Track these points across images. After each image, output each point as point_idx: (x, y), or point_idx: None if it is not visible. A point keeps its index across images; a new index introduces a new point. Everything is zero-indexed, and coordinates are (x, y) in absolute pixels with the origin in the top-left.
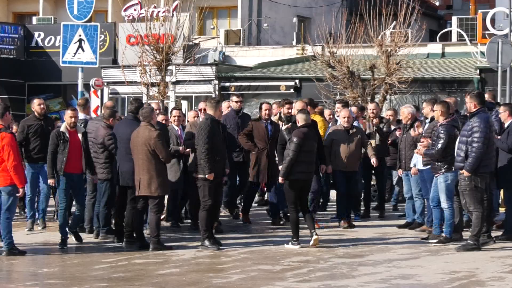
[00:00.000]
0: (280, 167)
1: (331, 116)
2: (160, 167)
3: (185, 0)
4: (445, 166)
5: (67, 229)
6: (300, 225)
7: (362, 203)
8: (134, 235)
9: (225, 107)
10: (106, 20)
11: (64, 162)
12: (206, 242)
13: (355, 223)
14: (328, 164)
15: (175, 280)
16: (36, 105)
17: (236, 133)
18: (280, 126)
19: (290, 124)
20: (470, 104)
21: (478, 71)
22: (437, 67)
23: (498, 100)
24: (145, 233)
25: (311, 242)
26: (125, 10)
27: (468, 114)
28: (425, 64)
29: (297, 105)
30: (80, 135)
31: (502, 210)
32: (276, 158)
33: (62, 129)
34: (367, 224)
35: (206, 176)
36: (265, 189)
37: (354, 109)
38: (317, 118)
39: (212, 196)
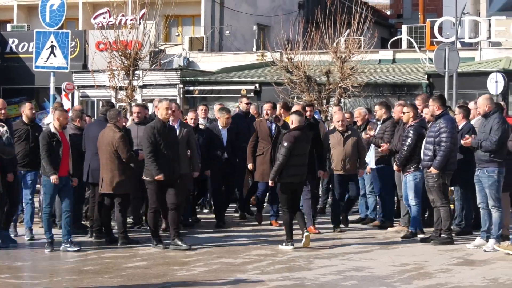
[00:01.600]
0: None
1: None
2: (122, 167)
3: (151, 8)
4: (414, 166)
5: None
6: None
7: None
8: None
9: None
10: (77, 27)
11: (58, 164)
12: (177, 241)
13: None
14: (325, 169)
15: (142, 273)
16: (28, 109)
17: (249, 136)
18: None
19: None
20: (433, 106)
21: (426, 76)
22: (388, 72)
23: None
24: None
25: (303, 241)
26: (94, 18)
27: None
28: (377, 70)
29: (294, 107)
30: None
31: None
32: None
33: (53, 130)
34: (324, 220)
35: (155, 178)
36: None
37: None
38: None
39: (159, 199)
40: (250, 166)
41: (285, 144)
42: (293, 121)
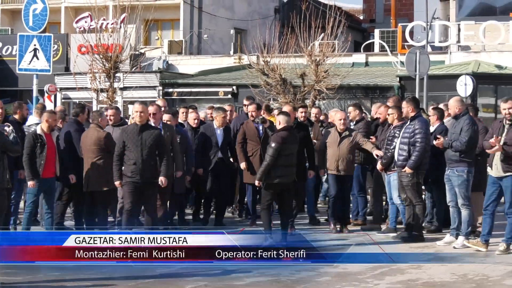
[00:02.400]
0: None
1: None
2: (107, 165)
3: (132, 13)
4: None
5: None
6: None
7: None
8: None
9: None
10: (59, 31)
11: (42, 165)
12: None
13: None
14: (316, 168)
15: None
16: (25, 109)
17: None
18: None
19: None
20: (407, 108)
21: (398, 78)
22: (361, 75)
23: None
24: None
25: None
26: (76, 22)
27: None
28: (351, 72)
29: (284, 107)
30: (54, 138)
31: None
32: None
33: (39, 131)
34: (304, 215)
35: (115, 183)
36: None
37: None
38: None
39: (131, 200)
40: (242, 165)
41: (273, 145)
42: (280, 121)
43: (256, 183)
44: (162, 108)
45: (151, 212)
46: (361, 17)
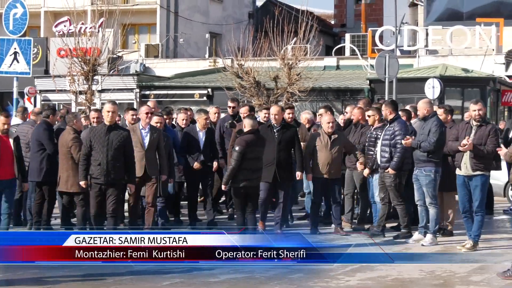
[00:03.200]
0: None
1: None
2: (76, 167)
3: (110, 17)
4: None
5: None
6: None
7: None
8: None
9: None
10: (39, 35)
11: None
12: None
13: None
14: (303, 171)
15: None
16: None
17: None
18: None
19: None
20: (385, 111)
21: (368, 81)
22: (332, 78)
23: None
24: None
25: None
26: (56, 26)
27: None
28: (322, 75)
29: (272, 109)
30: (11, 140)
31: None
32: None
33: None
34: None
35: (80, 183)
36: None
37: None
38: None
39: (97, 204)
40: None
41: (237, 148)
42: (245, 125)
43: (223, 187)
44: (153, 109)
45: (112, 213)
46: (332, 22)
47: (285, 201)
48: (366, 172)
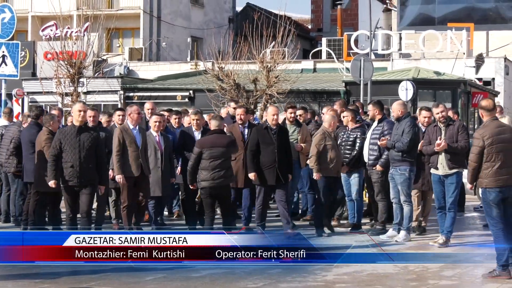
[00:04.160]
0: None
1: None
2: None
3: (95, 22)
4: (358, 164)
5: None
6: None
7: None
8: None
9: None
10: (26, 38)
11: None
12: None
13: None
14: (295, 172)
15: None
16: None
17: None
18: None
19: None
20: (373, 111)
21: (344, 84)
22: (309, 80)
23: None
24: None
25: None
26: (43, 30)
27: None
28: (300, 78)
29: (271, 110)
30: None
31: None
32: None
33: None
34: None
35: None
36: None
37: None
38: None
39: (71, 206)
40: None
41: (194, 149)
42: (210, 125)
43: (190, 186)
44: (151, 110)
45: (85, 214)
46: (309, 27)
47: (288, 200)
48: (345, 168)
